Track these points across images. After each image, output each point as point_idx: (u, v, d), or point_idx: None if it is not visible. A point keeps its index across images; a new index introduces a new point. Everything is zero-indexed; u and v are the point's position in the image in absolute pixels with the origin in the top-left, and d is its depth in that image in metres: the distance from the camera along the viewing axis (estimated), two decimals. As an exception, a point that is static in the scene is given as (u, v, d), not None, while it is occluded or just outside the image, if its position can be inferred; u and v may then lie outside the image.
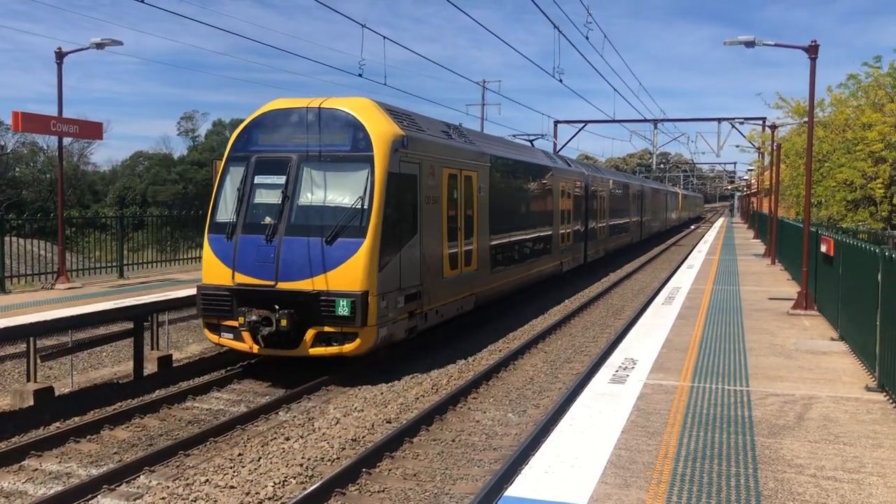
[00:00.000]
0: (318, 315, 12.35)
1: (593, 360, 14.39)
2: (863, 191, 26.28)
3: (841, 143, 27.20)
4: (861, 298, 9.99)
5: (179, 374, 14.15)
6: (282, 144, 13.24)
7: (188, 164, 79.08)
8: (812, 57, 15.35)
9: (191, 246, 23.54)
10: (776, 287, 18.75)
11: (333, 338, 12.52)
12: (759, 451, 6.68)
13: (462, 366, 14.51)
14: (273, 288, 12.51)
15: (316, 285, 12.36)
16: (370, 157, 12.74)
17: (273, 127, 13.43)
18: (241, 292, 12.67)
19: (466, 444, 10.08)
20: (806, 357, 10.64)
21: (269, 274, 12.55)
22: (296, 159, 13.01)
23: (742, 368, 9.84)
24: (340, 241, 12.42)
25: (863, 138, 25.56)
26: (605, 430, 7.18)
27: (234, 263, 12.82)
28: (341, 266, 12.33)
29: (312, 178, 12.90)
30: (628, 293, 25.78)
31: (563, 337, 17.74)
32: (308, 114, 13.15)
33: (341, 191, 12.76)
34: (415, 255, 13.88)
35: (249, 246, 12.75)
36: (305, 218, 12.69)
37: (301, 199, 12.82)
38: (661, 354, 10.60)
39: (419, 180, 14.05)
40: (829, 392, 8.72)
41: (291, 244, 12.56)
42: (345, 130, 13.01)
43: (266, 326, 12.35)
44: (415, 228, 13.89)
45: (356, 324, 12.26)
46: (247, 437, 10.39)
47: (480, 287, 17.54)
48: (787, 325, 13.38)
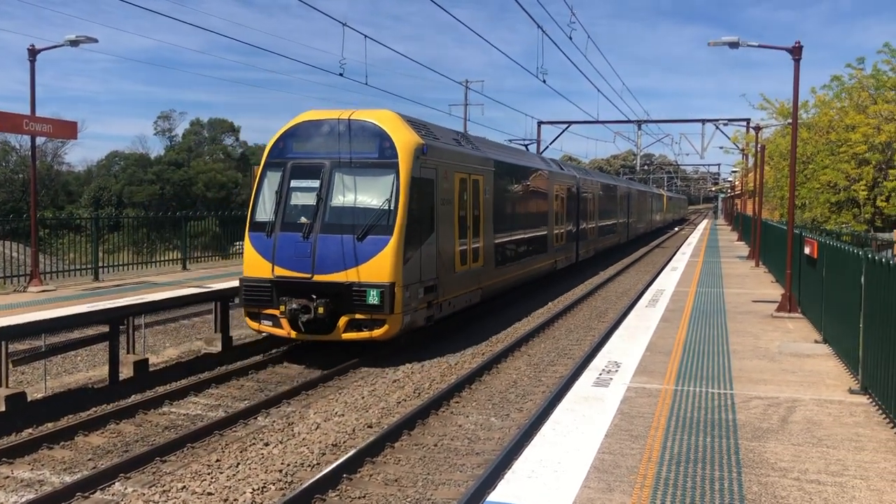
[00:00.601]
0: (351, 304, 14.02)
1: (577, 363, 14.44)
2: (846, 193, 26.59)
3: (825, 145, 27.49)
4: (844, 301, 10.10)
5: (156, 379, 14.06)
6: (315, 152, 14.95)
7: (165, 164, 78.60)
8: (796, 58, 15.50)
9: (168, 248, 23.41)
10: (760, 289, 18.90)
11: (364, 324, 14.17)
12: (743, 454, 6.73)
13: (445, 370, 14.51)
14: (310, 280, 14.16)
15: (349, 277, 14.08)
16: (396, 163, 14.45)
17: (306, 136, 15.13)
18: (281, 284, 14.36)
19: (449, 448, 10.08)
20: (790, 360, 10.74)
21: (307, 267, 14.22)
22: (328, 165, 14.71)
23: (726, 371, 9.91)
24: (370, 238, 14.11)
25: (846, 140, 25.86)
26: (588, 434, 7.20)
27: (273, 258, 14.44)
28: (371, 260, 14.04)
29: (344, 182, 14.61)
30: (612, 295, 25.90)
31: (546, 340, 17.79)
32: (339, 125, 14.92)
33: (370, 193, 14.51)
34: (432, 252, 15.56)
35: (288, 242, 14.41)
36: (338, 217, 14.36)
37: (334, 201, 14.53)
38: (644, 357, 10.65)
39: (435, 184, 15.78)
40: (812, 395, 8.80)
41: (326, 241, 14.24)
42: (372, 140, 14.70)
43: (305, 314, 14.00)
44: (432, 227, 15.59)
45: (384, 311, 13.97)
46: (225, 443, 10.34)
47: (486, 282, 19.20)
48: (770, 327, 13.49)
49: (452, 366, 14.87)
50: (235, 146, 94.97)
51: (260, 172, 15.31)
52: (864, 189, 25.40)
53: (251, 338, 19.01)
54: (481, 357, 15.61)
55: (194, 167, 78.29)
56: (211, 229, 26.79)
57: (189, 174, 76.75)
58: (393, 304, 14.00)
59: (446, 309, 16.64)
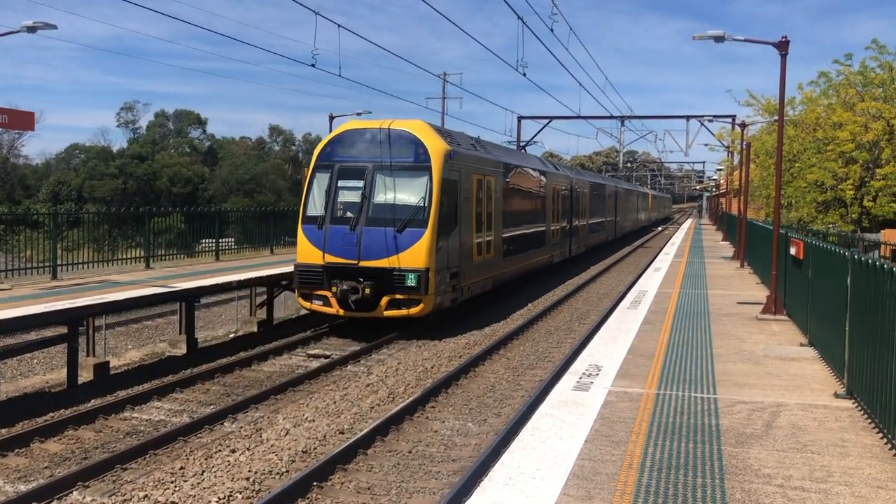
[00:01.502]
0: (392, 286, 16.94)
1: (557, 367, 14.49)
2: (833, 192, 26.87)
3: (812, 143, 27.76)
4: (830, 303, 10.21)
5: (117, 383, 13.93)
6: (359, 156, 17.85)
7: (128, 157, 77.82)
8: (782, 53, 15.65)
9: (130, 245, 23.19)
10: (745, 291, 19.09)
11: (403, 303, 17.03)
12: (727, 460, 6.79)
13: (420, 373, 14.52)
14: (356, 265, 17.07)
15: (390, 263, 16.96)
16: (429, 167, 17.41)
17: (351, 143, 18.06)
18: (331, 268, 17.27)
19: (424, 455, 10.08)
20: (775, 363, 10.85)
21: (353, 255, 17.14)
22: (371, 167, 17.63)
23: (709, 375, 9.99)
24: (408, 230, 17.03)
25: (833, 138, 26.13)
26: (568, 440, 7.23)
27: (324, 247, 17.37)
28: (409, 249, 16.96)
29: (384, 182, 17.53)
30: (594, 296, 26.03)
31: (526, 342, 17.84)
32: (379, 133, 17.85)
33: (407, 192, 17.41)
34: (456, 243, 18.50)
35: (336, 234, 17.36)
36: (380, 212, 17.30)
37: (376, 199, 17.45)
38: (626, 361, 10.72)
39: (459, 184, 18.65)
40: (797, 399, 8.90)
41: (370, 232, 17.16)
42: (409, 146, 17.61)
43: (354, 294, 16.90)
44: (456, 222, 18.53)
45: (420, 293, 16.93)
46: (189, 450, 10.26)
47: (496, 272, 22.17)
48: (755, 330, 13.62)
49: (428, 369, 14.88)
50: (202, 139, 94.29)
51: (310, 174, 18.23)
52: (851, 188, 25.69)
53: (217, 340, 18.89)
54: (458, 360, 15.63)
55: (159, 161, 77.60)
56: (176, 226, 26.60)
57: (153, 168, 76.08)
58: (427, 287, 17.03)
59: (466, 293, 19.60)
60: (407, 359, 15.78)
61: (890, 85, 26.03)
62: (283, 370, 15.22)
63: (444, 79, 52.91)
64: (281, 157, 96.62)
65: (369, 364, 15.50)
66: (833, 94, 27.78)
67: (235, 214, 31.75)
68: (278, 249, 28.15)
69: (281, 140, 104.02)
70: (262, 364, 15.64)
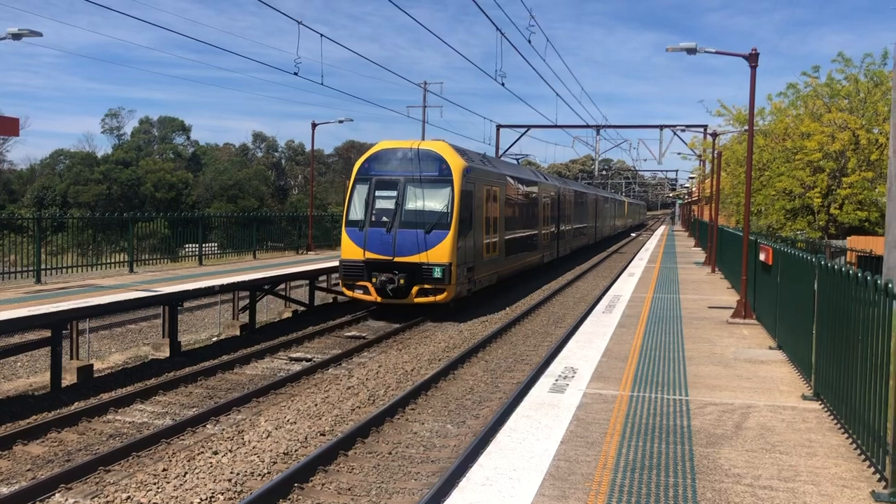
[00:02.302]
0: (421, 277, 20.22)
1: (534, 370, 14.52)
2: (801, 200, 27.14)
3: (781, 152, 28.03)
4: (798, 307, 10.31)
5: (101, 385, 13.79)
6: (393, 171, 21.15)
7: (113, 163, 77.16)
8: (752, 65, 15.82)
9: (114, 250, 22.96)
10: (716, 296, 19.22)
11: (430, 292, 20.30)
12: (698, 460, 6.83)
13: (401, 375, 14.49)
14: (392, 260, 20.36)
15: (420, 259, 20.23)
16: (451, 180, 20.79)
17: (385, 160, 21.36)
18: (370, 263, 20.53)
19: (403, 456, 10.06)
20: (744, 366, 10.93)
21: (389, 251, 20.42)
22: (403, 181, 20.94)
23: (681, 377, 10.05)
24: (434, 232, 20.36)
25: (802, 147, 26.39)
26: (544, 441, 7.25)
27: (365, 245, 20.63)
28: (436, 247, 20.27)
29: (414, 192, 20.83)
30: (570, 300, 26.11)
31: (504, 345, 17.87)
32: (409, 152, 21.23)
33: (433, 201, 20.75)
34: (471, 243, 21.83)
35: (375, 234, 20.61)
36: (411, 217, 20.62)
37: (408, 206, 20.75)
38: (601, 363, 10.76)
39: (473, 194, 21.97)
40: (766, 401, 8.97)
41: (403, 234, 20.47)
42: (434, 163, 20.95)
43: (391, 284, 20.17)
44: (471, 225, 21.82)
45: (445, 283, 20.24)
46: (172, 452, 10.18)
47: (500, 268, 25.57)
48: (726, 333, 13.72)
49: (408, 372, 14.86)
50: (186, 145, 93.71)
51: (351, 186, 21.61)
52: (818, 196, 25.95)
53: (200, 343, 18.77)
54: (438, 363, 15.63)
55: (143, 166, 77.00)
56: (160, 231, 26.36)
57: (137, 174, 75.49)
58: (451, 278, 20.32)
59: (478, 285, 23.01)
60: (387, 361, 15.76)
61: (855, 97, 26.35)
62: (265, 373, 15.15)
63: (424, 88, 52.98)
64: (264, 163, 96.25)
65: (350, 367, 15.45)
66: (801, 105, 28.08)
67: (219, 219, 31.56)
68: (261, 254, 28.02)
69: (264, 146, 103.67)
70: (244, 367, 15.55)
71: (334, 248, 33.93)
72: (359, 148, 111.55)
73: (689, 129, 45.06)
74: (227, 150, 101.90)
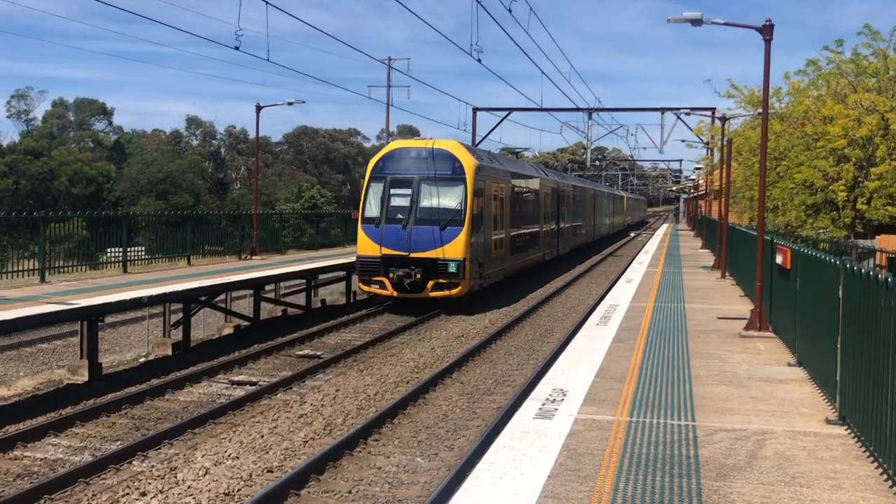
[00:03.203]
0: (436, 272, 24.04)
1: (517, 392, 14.56)
2: (824, 193, 27.45)
3: (800, 139, 28.37)
4: (821, 317, 10.42)
5: (6, 416, 13.61)
6: (406, 170, 25.03)
7: (20, 153, 76.26)
8: (767, 38, 15.98)
9: (23, 256, 22.69)
10: (726, 304, 19.41)
11: (445, 286, 24.20)
12: (707, 496, 6.88)
13: (362, 401, 14.46)
14: (408, 256, 24.15)
15: (435, 254, 24.07)
16: (464, 178, 24.76)
17: (399, 159, 25.30)
18: (387, 258, 24.30)
19: (365, 495, 10.03)
20: (760, 386, 11.05)
21: (405, 247, 24.19)
22: (417, 179, 24.85)
23: (687, 400, 10.13)
24: (448, 228, 24.21)
25: (824, 133, 26.69)
26: (529, 475, 7.26)
27: (381, 241, 24.39)
28: (450, 243, 24.10)
29: (429, 190, 24.76)
30: (559, 311, 26.23)
31: (483, 364, 17.90)
32: (423, 151, 25.17)
33: (447, 198, 24.64)
34: (481, 240, 25.91)
35: (391, 231, 24.43)
36: (426, 214, 24.52)
37: (422, 203, 24.67)
38: (594, 384, 10.81)
39: (483, 191, 26.03)
40: (785, 426, 9.06)
41: (418, 230, 24.32)
42: (447, 162, 24.89)
43: (408, 279, 23.92)
44: (481, 222, 25.90)
45: (459, 277, 24.15)
46: (91, 494, 10.07)
47: (507, 265, 29.84)
48: (738, 348, 13.86)
49: (371, 396, 14.83)
50: (108, 132, 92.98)
51: (366, 184, 25.55)
52: (843, 189, 26.22)
53: (125, 365, 18.61)
54: (406, 386, 15.62)
55: (57, 157, 76.17)
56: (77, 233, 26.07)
57: (50, 166, 74.66)
58: (465, 273, 24.27)
59: (488, 281, 27.22)
60: (346, 385, 15.72)
61: (884, 75, 26.71)
62: (201, 400, 15.04)
63: (388, 65, 53.02)
64: (200, 153, 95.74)
65: (303, 391, 15.40)
66: (823, 84, 28.40)
67: (147, 219, 31.32)
68: (197, 260, 27.84)
69: (200, 133, 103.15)
70: (177, 393, 15.43)
71: (284, 253, 33.83)
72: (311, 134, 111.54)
73: (694, 113, 45.42)
74: (157, 138, 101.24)
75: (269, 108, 35.15)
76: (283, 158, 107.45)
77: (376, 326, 23.07)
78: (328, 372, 17.07)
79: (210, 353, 19.09)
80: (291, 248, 37.49)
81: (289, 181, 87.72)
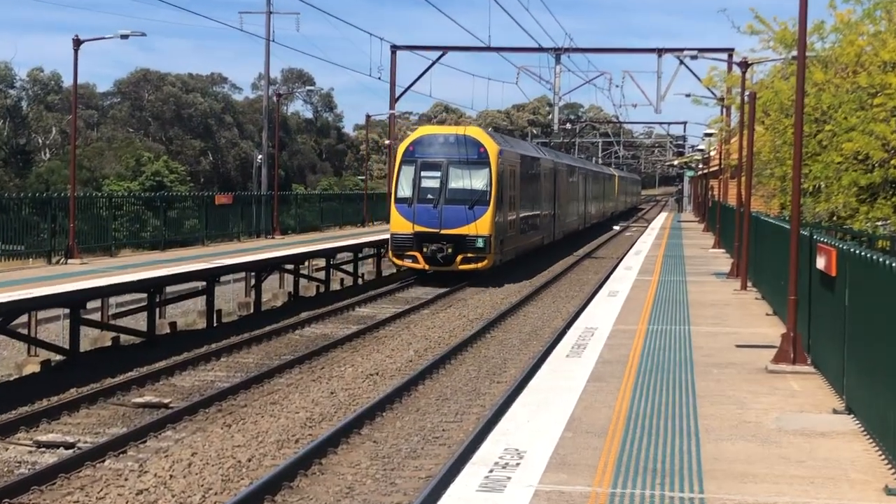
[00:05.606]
0: (465, 247, 38.73)
1: (454, 455, 14.57)
2: (883, 170, 27.82)
3: (850, 94, 28.71)
4: (880, 345, 10.52)
5: None
6: (435, 154, 40.02)
7: None
8: (803, -47, 16.18)
9: None
10: (748, 327, 19.60)
11: (472, 260, 38.92)
12: None
13: (230, 469, 14.35)
14: (439, 232, 38.72)
15: (463, 231, 38.70)
16: (489, 162, 39.76)
17: (428, 144, 40.53)
18: (420, 235, 38.81)
19: None
20: (794, 442, 11.16)
21: (436, 225, 38.71)
22: (445, 162, 39.63)
23: (693, 462, 10.20)
24: (476, 207, 38.90)
25: (884, 86, 27.05)
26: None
27: (413, 219, 38.79)
28: (477, 221, 38.65)
29: (457, 173, 39.59)
30: (513, 338, 26.33)
31: (406, 414, 17.89)
32: (450, 137, 40.69)
33: (474, 180, 39.50)
34: (502, 219, 40.86)
35: (422, 210, 38.94)
36: (454, 195, 39.12)
37: (451, 185, 39.41)
38: (563, 441, 10.84)
39: (504, 174, 41.13)
40: (828, 498, 9.19)
41: (448, 209, 38.89)
42: (474, 147, 39.96)
43: (440, 253, 38.46)
44: (503, 202, 40.90)
45: (485, 252, 38.95)
46: None
47: (517, 244, 44.88)
48: (764, 388, 13.98)
49: (243, 462, 14.73)
50: None
51: (398, 167, 40.29)
52: (911, 165, 26.52)
53: None
54: (295, 446, 15.54)
55: None
56: None
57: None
58: (490, 248, 38.46)
59: (506, 257, 42.21)
60: (207, 446, 15.59)
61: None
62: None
63: (268, -18, 52.69)
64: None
65: (143, 456, 15.22)
66: (883, 16, 28.79)
67: None
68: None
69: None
70: None
71: (114, 255, 33.36)
72: (155, 82, 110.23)
73: (704, 56, 45.99)
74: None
75: (92, 42, 34.63)
76: (114, 116, 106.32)
77: (251, 361, 22.93)
78: (180, 428, 16.89)
79: (4, 402, 18.75)
80: (127, 246, 37.04)
81: (123, 150, 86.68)
